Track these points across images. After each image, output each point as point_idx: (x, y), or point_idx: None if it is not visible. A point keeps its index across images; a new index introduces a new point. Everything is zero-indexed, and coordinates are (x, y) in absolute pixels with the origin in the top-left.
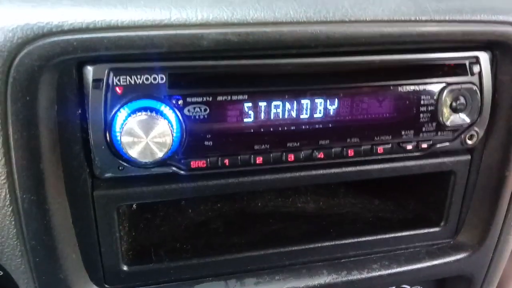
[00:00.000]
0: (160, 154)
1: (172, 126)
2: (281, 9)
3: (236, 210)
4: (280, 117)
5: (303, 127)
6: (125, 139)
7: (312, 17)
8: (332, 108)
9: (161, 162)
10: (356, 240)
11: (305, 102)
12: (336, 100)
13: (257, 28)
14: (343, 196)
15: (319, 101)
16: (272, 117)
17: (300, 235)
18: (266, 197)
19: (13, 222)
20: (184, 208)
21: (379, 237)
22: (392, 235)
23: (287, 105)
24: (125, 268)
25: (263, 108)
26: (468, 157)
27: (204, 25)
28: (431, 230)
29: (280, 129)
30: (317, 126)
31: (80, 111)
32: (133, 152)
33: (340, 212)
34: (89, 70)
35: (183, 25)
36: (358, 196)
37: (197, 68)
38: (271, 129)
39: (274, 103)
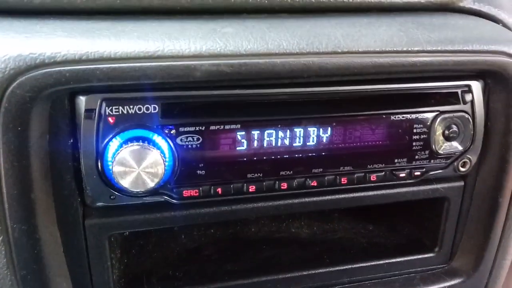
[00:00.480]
0: (152, 184)
1: (164, 155)
2: (274, 40)
3: (229, 236)
4: (273, 145)
5: (296, 155)
6: (117, 169)
7: (304, 48)
8: (325, 136)
9: (153, 192)
10: (350, 266)
11: (298, 130)
12: (329, 128)
13: (250, 59)
14: (337, 221)
15: (312, 129)
16: (265, 146)
17: (294, 261)
18: (260, 222)
19: (3, 252)
20: (177, 234)
21: (373, 263)
22: (386, 261)
23: (280, 134)
24: None
25: (256, 137)
26: (462, 183)
27: (197, 57)
28: (425, 255)
29: (273, 157)
30: (310, 154)
31: (72, 141)
32: (125, 182)
33: (334, 237)
34: (82, 100)
35: (176, 56)
36: (352, 221)
37: (190, 98)
38: (264, 158)
39: (267, 131)
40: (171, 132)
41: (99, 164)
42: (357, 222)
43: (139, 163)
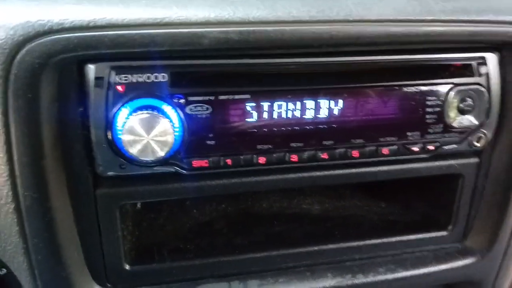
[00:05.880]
0: (161, 153)
1: (173, 125)
2: (283, 8)
3: (240, 210)
4: (284, 117)
5: (307, 127)
6: (126, 138)
7: (315, 16)
8: (336, 108)
9: (163, 161)
10: (361, 243)
11: (309, 102)
12: (341, 100)
13: (259, 27)
14: (349, 198)
15: (323, 101)
16: (275, 117)
17: (305, 237)
18: (271, 198)
19: (15, 220)
20: (188, 208)
21: (385, 240)
22: (399, 238)
23: (290, 105)
24: (127, 267)
25: (266, 108)
26: (477, 159)
27: (206, 24)
28: (439, 234)
29: (283, 129)
30: (321, 126)
31: (81, 109)
32: (134, 151)
33: (345, 214)
34: (91, 68)
35: (184, 23)
36: (365, 198)
37: (199, 66)
38: (274, 129)
39: (277, 102)
40: (180, 101)
41: (109, 132)
42: (369, 200)
43: (148, 131)
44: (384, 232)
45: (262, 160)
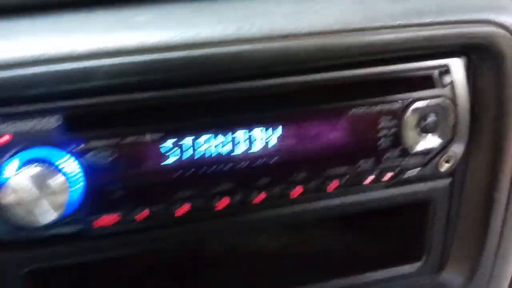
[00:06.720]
0: (54, 215)
1: (70, 178)
2: (193, 28)
3: (186, 253)
4: (206, 156)
5: (237, 166)
6: (11, 199)
7: (231, 35)
8: (271, 139)
9: (58, 224)
10: (324, 284)
11: (237, 134)
12: (276, 129)
13: (161, 53)
14: (309, 230)
15: (255, 132)
16: (195, 157)
17: (260, 282)
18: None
19: None
20: (123, 258)
21: (352, 279)
22: (367, 275)
23: (213, 142)
24: None
25: (184, 148)
26: (447, 181)
27: (96, 55)
28: (411, 266)
29: (207, 171)
30: (253, 162)
31: None
32: (21, 214)
33: (306, 251)
34: None
35: (69, 57)
36: (327, 230)
37: (98, 105)
38: (197, 172)
39: (198, 140)
40: (79, 148)
41: None
42: (332, 231)
43: (39, 189)
44: (351, 269)
45: (182, 210)
